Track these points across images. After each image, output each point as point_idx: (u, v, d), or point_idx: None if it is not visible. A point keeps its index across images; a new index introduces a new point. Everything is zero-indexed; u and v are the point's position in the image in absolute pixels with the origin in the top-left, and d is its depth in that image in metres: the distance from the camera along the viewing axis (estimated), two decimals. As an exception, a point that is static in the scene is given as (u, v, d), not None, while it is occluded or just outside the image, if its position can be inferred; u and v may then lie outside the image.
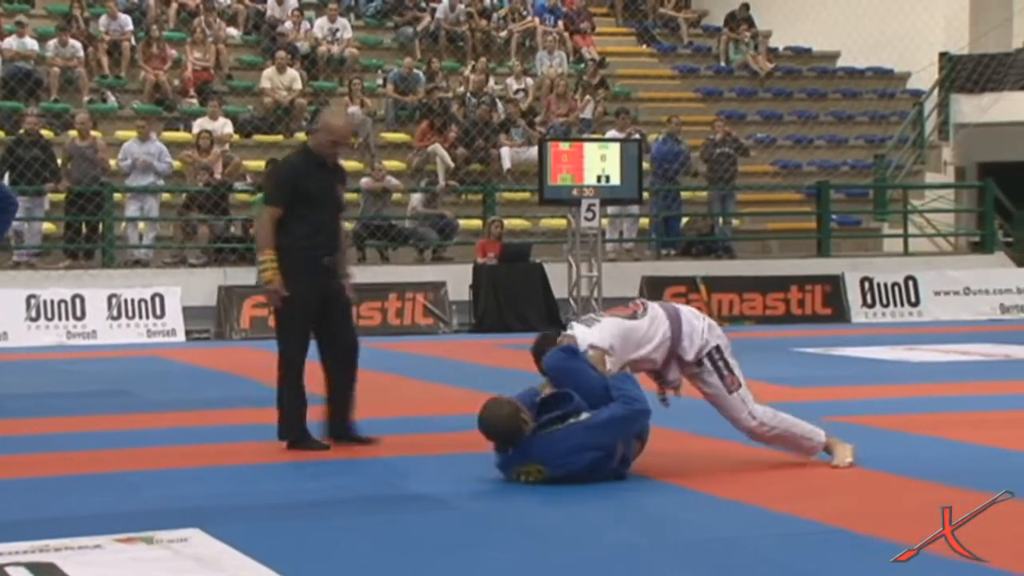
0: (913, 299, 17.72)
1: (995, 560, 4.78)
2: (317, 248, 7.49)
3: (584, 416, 6.41)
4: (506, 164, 19.87)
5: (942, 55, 23.06)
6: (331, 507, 6.06)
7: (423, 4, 22.94)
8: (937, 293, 17.81)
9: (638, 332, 6.66)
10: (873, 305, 17.61)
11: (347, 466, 7.18)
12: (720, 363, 6.71)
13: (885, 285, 17.68)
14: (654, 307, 6.80)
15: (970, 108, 22.59)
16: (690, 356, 6.69)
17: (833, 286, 17.63)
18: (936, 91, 22.98)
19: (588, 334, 6.62)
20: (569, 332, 6.72)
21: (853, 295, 17.55)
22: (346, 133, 7.91)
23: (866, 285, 17.64)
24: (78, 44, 19.72)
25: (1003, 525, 5.18)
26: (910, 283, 17.79)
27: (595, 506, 6.07)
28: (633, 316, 6.72)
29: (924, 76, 23.28)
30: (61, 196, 17.13)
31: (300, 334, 7.56)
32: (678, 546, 5.30)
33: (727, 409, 6.77)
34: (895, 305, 17.67)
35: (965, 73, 22.63)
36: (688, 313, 6.82)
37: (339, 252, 7.65)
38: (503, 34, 23.05)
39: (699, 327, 6.74)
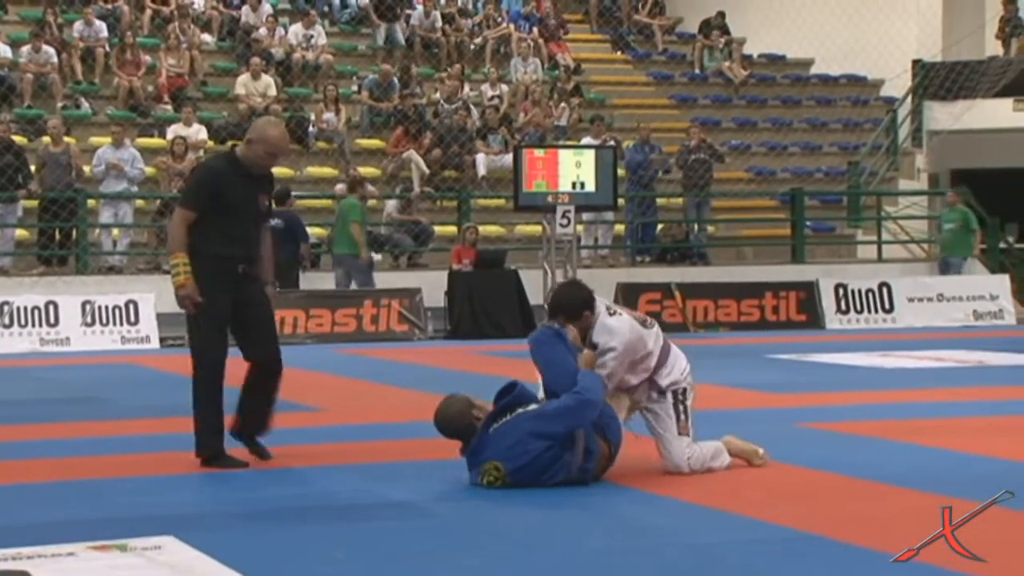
0: (887, 305, 17.80)
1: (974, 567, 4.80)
2: (233, 257, 7.14)
3: (532, 407, 6.48)
4: (481, 171, 19.88)
5: (915, 62, 23.19)
6: (306, 514, 6.04)
7: (398, 10, 22.89)
8: (911, 300, 17.89)
9: (645, 342, 6.74)
10: (847, 311, 17.68)
11: (322, 473, 7.15)
12: (681, 406, 6.80)
13: (859, 292, 17.75)
14: (656, 325, 6.92)
15: (943, 115, 22.72)
16: (664, 383, 6.77)
17: (807, 293, 17.68)
18: (909, 98, 23.11)
19: (609, 325, 6.66)
20: (597, 307, 6.74)
21: (827, 301, 17.61)
22: (284, 145, 7.40)
23: (840, 291, 17.70)
24: (51, 50, 19.64)
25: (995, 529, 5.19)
26: (884, 290, 17.86)
27: (571, 512, 6.07)
28: (644, 324, 6.82)
29: (897, 83, 23.41)
30: (34, 202, 17.05)
31: (215, 342, 7.23)
32: (653, 552, 5.30)
33: (669, 447, 6.80)
34: (869, 311, 17.74)
35: (938, 80, 22.76)
36: (676, 347, 6.95)
37: (258, 260, 7.32)
38: (478, 41, 23.06)
39: (683, 363, 6.87)
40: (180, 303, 7.22)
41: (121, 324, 15.57)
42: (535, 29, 23.56)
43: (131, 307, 15.65)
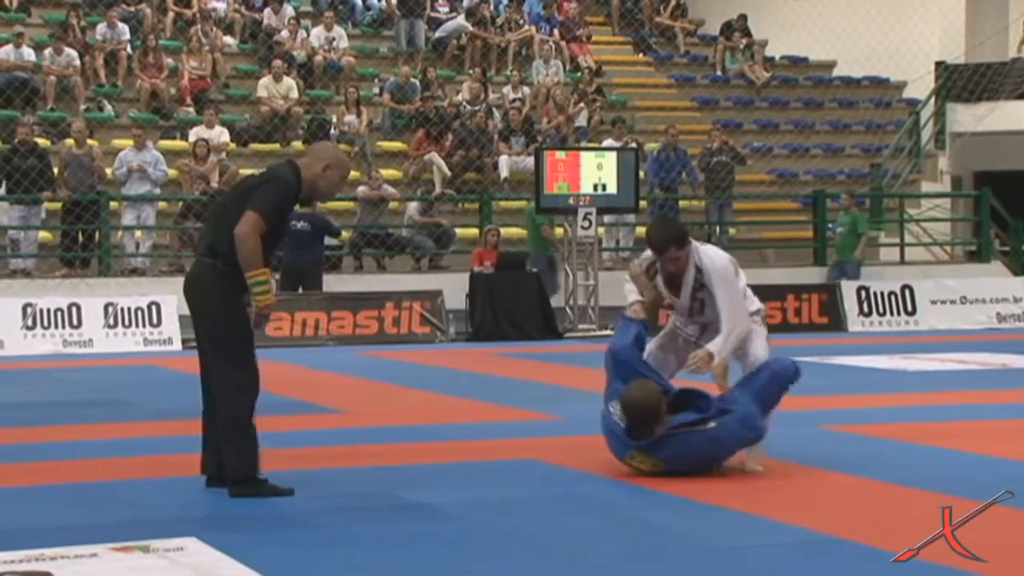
0: (910, 308, 17.72)
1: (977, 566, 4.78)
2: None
3: (712, 425, 6.67)
4: (504, 173, 19.87)
5: (938, 64, 23.09)
6: (327, 516, 6.04)
7: (420, 9, 22.87)
8: (933, 302, 17.80)
9: (739, 272, 7.13)
10: (870, 314, 17.61)
11: (344, 475, 7.16)
12: (764, 324, 7.27)
13: (882, 294, 17.68)
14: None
15: (966, 117, 22.62)
16: (752, 308, 7.11)
17: (830, 295, 17.62)
18: (932, 100, 23.01)
19: (711, 252, 7.04)
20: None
21: (850, 304, 17.55)
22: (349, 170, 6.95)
23: (863, 294, 17.64)
24: (74, 52, 19.72)
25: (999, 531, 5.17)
26: (906, 292, 17.79)
27: (590, 515, 6.06)
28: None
29: (920, 85, 23.31)
30: (57, 205, 17.11)
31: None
32: (671, 556, 5.28)
33: (753, 344, 7.06)
34: (891, 314, 17.67)
35: (961, 82, 22.67)
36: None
37: None
38: (501, 43, 23.05)
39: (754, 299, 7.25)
40: (259, 323, 6.72)
41: (143, 326, 15.62)
42: (556, 31, 23.55)
43: (153, 309, 15.69)
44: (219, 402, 6.58)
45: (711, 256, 7.00)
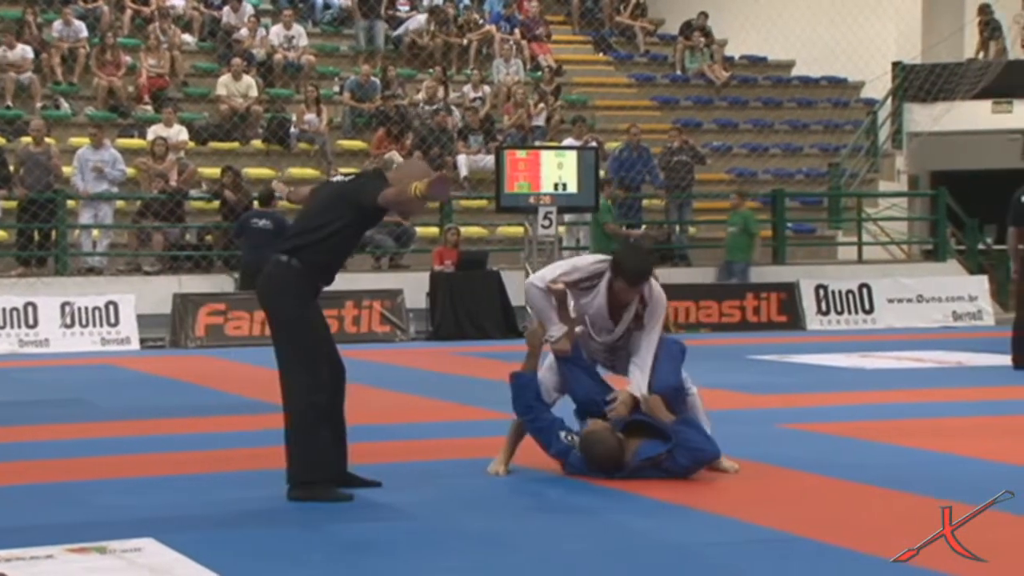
0: (867, 307, 17.84)
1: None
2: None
3: (671, 450, 6.60)
4: (463, 172, 19.86)
5: (895, 65, 23.26)
6: (285, 516, 6.02)
7: (380, 9, 22.84)
8: (891, 301, 17.93)
9: None
10: (828, 312, 17.71)
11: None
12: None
13: (839, 293, 17.79)
14: None
15: (923, 117, 22.79)
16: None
17: (788, 294, 17.71)
18: (889, 100, 23.18)
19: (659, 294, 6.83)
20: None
21: (808, 302, 17.65)
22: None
23: (821, 293, 17.74)
24: (27, 48, 19.55)
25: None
26: (864, 291, 17.91)
27: (553, 515, 6.07)
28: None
29: (878, 85, 23.48)
30: (13, 203, 16.97)
31: None
32: (634, 553, 5.29)
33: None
34: (849, 313, 17.78)
35: (918, 82, 22.84)
36: None
37: None
38: (463, 42, 23.03)
39: None
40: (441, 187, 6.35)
41: (101, 325, 15.52)
42: (517, 30, 23.54)
43: (111, 308, 15.60)
44: (286, 402, 6.43)
45: (658, 289, 6.81)
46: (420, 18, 22.84)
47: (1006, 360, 12.15)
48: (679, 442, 6.60)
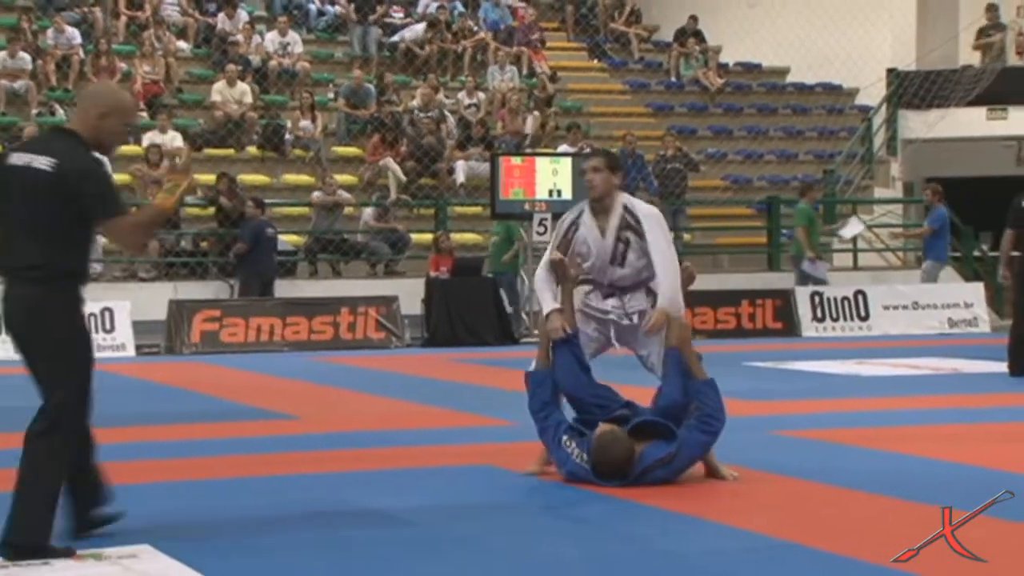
0: (863, 313, 17.85)
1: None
2: None
3: (674, 451, 6.61)
4: (460, 178, 19.86)
5: (890, 71, 23.30)
6: (282, 522, 6.02)
7: (372, 15, 22.83)
8: (886, 307, 17.94)
9: None
10: (823, 319, 17.72)
11: (297, 481, 7.13)
12: None
13: (835, 299, 17.79)
14: None
15: (917, 124, 22.83)
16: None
17: (784, 300, 17.72)
18: (884, 107, 23.22)
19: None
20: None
21: (803, 309, 17.65)
22: (136, 109, 5.56)
23: (816, 299, 17.74)
24: (27, 56, 19.55)
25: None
26: (859, 297, 17.91)
27: (548, 521, 6.07)
28: None
29: (872, 92, 23.52)
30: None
31: None
32: (628, 560, 5.29)
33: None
34: (845, 319, 17.78)
35: (912, 89, 22.87)
36: None
37: None
38: (458, 49, 23.04)
39: None
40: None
41: (96, 332, 15.46)
42: (512, 37, 23.53)
43: (107, 315, 15.58)
44: None
45: (646, 204, 7.06)
46: (418, 28, 22.85)
47: (1002, 367, 12.15)
48: (684, 442, 6.63)
